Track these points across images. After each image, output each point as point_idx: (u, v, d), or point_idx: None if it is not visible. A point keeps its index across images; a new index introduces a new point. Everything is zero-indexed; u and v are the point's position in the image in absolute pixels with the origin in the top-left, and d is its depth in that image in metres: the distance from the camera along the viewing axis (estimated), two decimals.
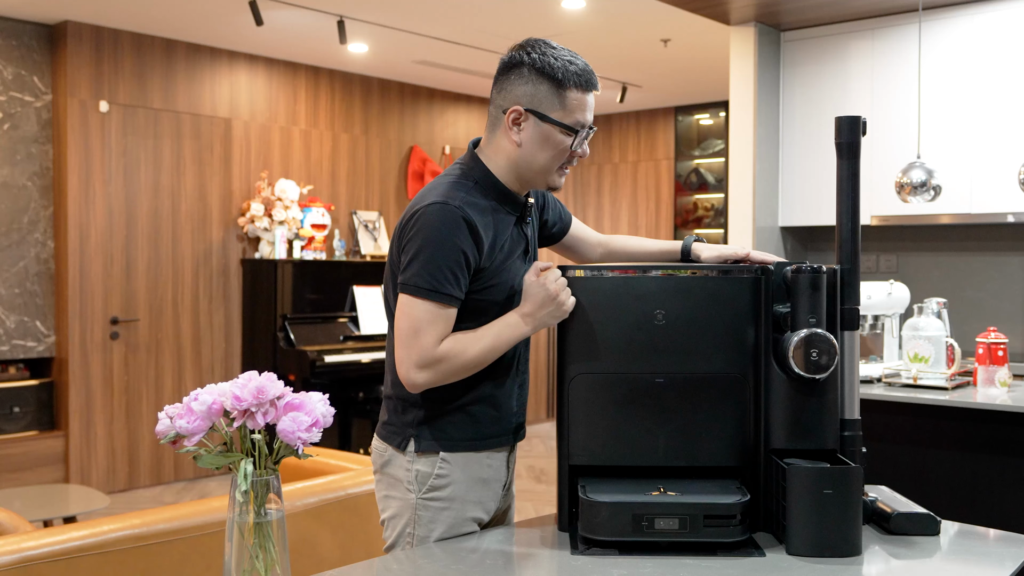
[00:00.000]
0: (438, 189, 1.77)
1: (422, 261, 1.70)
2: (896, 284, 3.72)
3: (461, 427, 1.83)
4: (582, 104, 1.78)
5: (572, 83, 1.76)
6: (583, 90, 1.77)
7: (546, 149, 1.79)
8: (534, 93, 1.76)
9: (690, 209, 8.71)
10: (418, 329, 1.70)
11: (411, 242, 1.72)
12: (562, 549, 1.72)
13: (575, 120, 1.78)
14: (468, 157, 1.86)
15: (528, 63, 1.76)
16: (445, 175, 1.83)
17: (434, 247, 1.69)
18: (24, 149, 5.87)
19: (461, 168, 1.84)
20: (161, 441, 1.39)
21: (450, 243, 1.70)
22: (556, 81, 1.75)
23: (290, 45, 6.54)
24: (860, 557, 1.68)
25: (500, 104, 1.81)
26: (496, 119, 1.83)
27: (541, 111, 1.76)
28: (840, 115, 1.88)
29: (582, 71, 1.77)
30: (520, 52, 1.79)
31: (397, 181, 7.79)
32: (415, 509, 1.82)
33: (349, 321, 6.88)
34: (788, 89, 5.20)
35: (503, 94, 1.80)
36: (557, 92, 1.76)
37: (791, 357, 1.75)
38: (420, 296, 1.70)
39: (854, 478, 1.66)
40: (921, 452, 3.44)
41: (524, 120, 1.78)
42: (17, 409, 5.84)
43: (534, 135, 1.78)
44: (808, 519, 1.66)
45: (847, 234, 1.87)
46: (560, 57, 1.76)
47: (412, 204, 1.77)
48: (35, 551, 2.13)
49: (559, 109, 1.76)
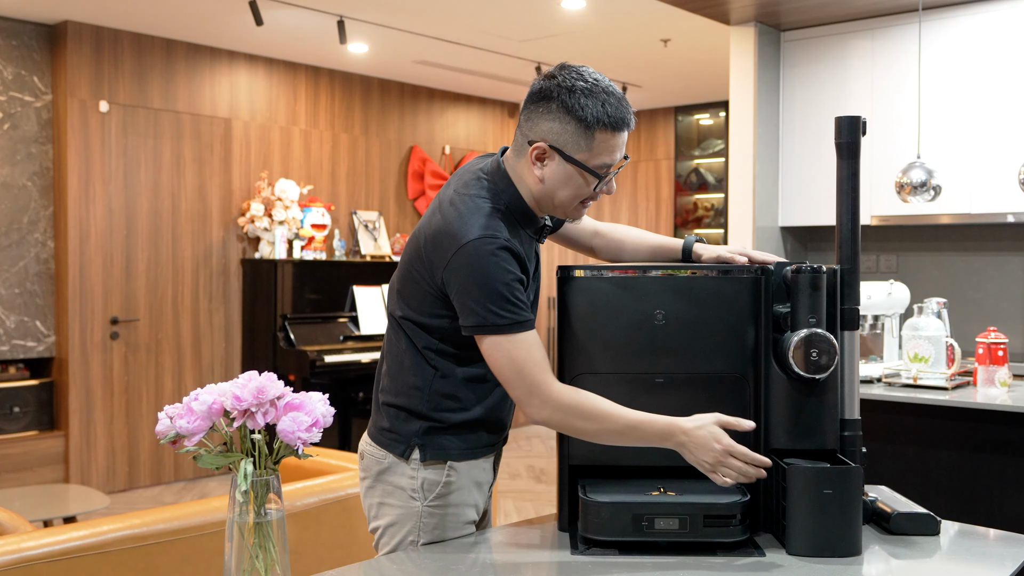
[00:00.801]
0: (476, 219, 1.69)
1: (488, 298, 1.65)
2: (896, 284, 3.72)
3: (466, 438, 1.83)
4: (610, 146, 1.71)
5: (602, 125, 1.68)
6: (614, 131, 1.70)
7: (568, 188, 1.73)
8: (561, 131, 1.69)
9: (690, 209, 8.71)
10: (520, 367, 1.67)
11: (465, 280, 1.67)
12: (562, 549, 1.73)
13: (601, 163, 1.71)
14: (497, 174, 1.78)
15: (558, 100, 1.69)
16: (475, 197, 1.74)
17: (494, 282, 1.65)
18: (24, 149, 5.87)
19: (490, 188, 1.76)
20: (161, 441, 1.39)
21: (507, 275, 1.66)
22: (585, 123, 1.68)
23: (290, 45, 6.54)
24: (860, 557, 1.68)
25: (526, 133, 1.74)
26: (522, 146, 1.76)
27: (566, 151, 1.70)
28: (840, 115, 1.88)
29: (614, 112, 1.69)
30: (552, 85, 1.71)
31: (397, 181, 7.79)
32: (420, 517, 1.81)
33: (349, 321, 6.88)
34: (788, 89, 5.20)
35: (530, 124, 1.74)
36: (585, 134, 1.69)
37: (791, 357, 1.75)
38: (505, 332, 1.66)
39: (854, 478, 1.66)
40: (921, 452, 3.44)
41: (548, 157, 1.72)
42: (17, 409, 5.84)
43: (557, 173, 1.72)
44: (808, 519, 1.66)
45: (847, 234, 1.87)
46: (594, 95, 1.68)
47: (448, 231, 1.70)
48: (35, 551, 2.13)
49: (585, 151, 1.70)
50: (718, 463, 1.66)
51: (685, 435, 1.67)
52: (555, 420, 1.69)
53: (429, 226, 1.76)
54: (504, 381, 1.70)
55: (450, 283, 1.69)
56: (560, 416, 1.68)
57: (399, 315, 1.83)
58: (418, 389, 1.80)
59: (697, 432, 1.66)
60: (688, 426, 1.67)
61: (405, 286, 1.81)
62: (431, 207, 1.83)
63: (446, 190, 1.82)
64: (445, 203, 1.76)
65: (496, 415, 1.86)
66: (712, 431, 1.67)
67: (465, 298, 1.67)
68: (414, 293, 1.79)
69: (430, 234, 1.74)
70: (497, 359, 1.68)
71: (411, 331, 1.81)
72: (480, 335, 1.68)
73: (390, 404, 1.85)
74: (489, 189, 1.76)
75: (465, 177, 1.81)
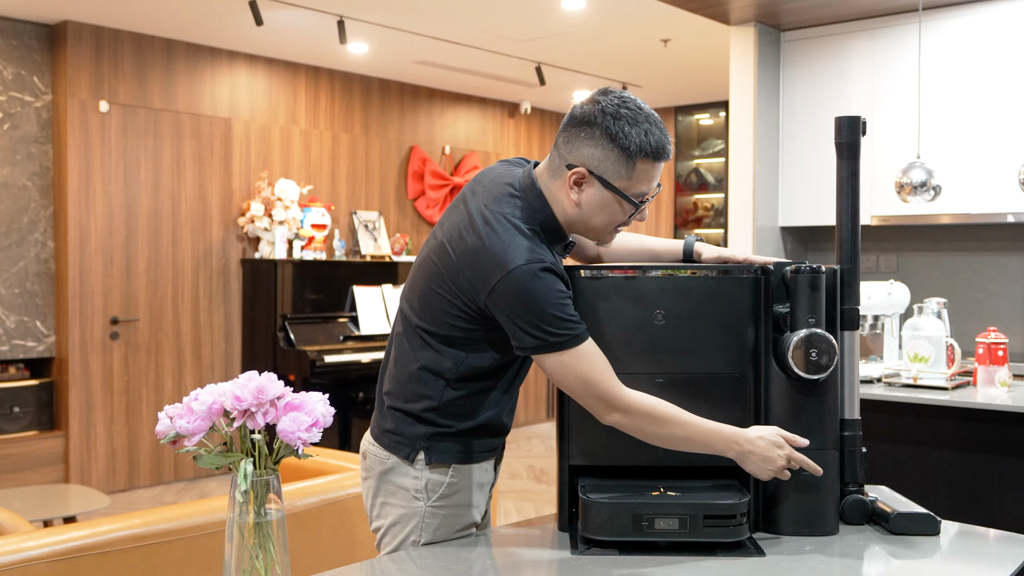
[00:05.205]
0: (518, 243, 1.68)
1: (544, 321, 1.65)
2: (896, 284, 3.72)
3: (472, 443, 1.83)
4: (650, 176, 1.71)
5: (644, 155, 1.69)
6: (655, 160, 1.70)
7: (604, 214, 1.74)
8: (603, 158, 1.69)
9: (690, 209, 8.71)
10: (586, 379, 1.68)
11: (515, 306, 1.66)
12: (562, 549, 1.73)
13: (639, 191, 1.72)
14: (532, 192, 1.76)
15: (601, 127, 1.68)
16: (511, 217, 1.72)
17: (546, 305, 1.65)
18: (24, 149, 5.87)
19: (524, 208, 1.74)
20: (161, 441, 1.39)
21: (557, 295, 1.67)
22: (627, 152, 1.68)
23: (290, 45, 6.54)
24: (861, 557, 1.68)
25: (564, 157, 1.73)
26: (558, 168, 1.74)
27: (606, 178, 1.70)
28: (840, 115, 1.88)
29: (657, 143, 1.69)
30: (595, 110, 1.70)
31: (397, 181, 7.79)
32: (423, 516, 1.81)
33: (349, 321, 6.88)
34: (788, 89, 5.20)
35: (569, 147, 1.72)
36: (626, 162, 1.69)
37: (791, 357, 1.75)
38: (565, 348, 1.67)
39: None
40: (921, 452, 3.44)
41: (587, 183, 1.71)
42: (17, 409, 5.84)
43: (595, 199, 1.72)
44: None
45: (847, 234, 1.88)
46: (637, 124, 1.68)
47: (489, 255, 1.68)
48: (35, 551, 2.13)
49: (625, 179, 1.70)
50: (780, 470, 1.73)
51: (749, 444, 1.72)
52: (626, 424, 1.72)
53: (462, 243, 1.72)
54: (573, 394, 1.72)
55: (497, 308, 1.69)
56: (631, 421, 1.71)
57: (414, 322, 1.81)
58: (427, 398, 1.80)
59: (759, 442, 1.73)
60: (751, 435, 1.73)
61: (426, 295, 1.79)
62: (456, 216, 1.78)
63: (473, 200, 1.78)
64: (478, 219, 1.73)
65: (499, 419, 1.86)
66: (775, 440, 1.74)
67: (518, 322, 1.67)
68: (433, 302, 1.77)
69: (465, 253, 1.72)
70: (563, 375, 1.69)
71: (427, 340, 1.79)
72: (540, 355, 1.69)
73: (396, 408, 1.84)
74: (523, 209, 1.74)
75: (494, 191, 1.77)
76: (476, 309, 1.72)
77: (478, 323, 1.74)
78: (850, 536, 1.80)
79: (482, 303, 1.70)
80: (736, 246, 5.11)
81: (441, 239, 1.78)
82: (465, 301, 1.73)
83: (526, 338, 1.68)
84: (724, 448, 1.73)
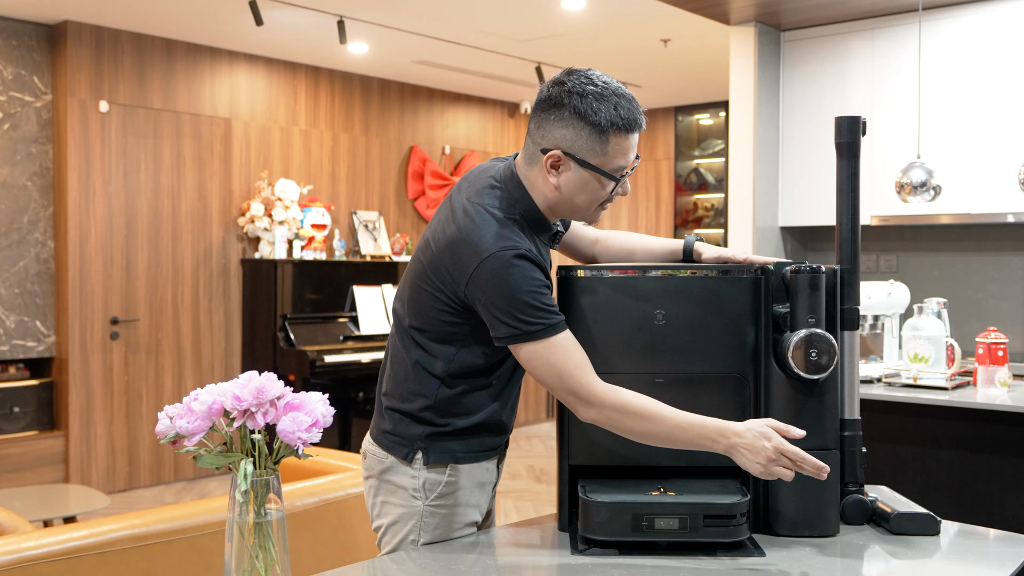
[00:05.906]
0: (491, 230, 1.68)
1: (517, 309, 1.64)
2: (896, 284, 3.72)
3: (469, 442, 1.83)
4: (624, 148, 1.70)
5: (616, 128, 1.67)
6: (627, 133, 1.69)
7: (585, 193, 1.72)
8: (575, 138, 1.68)
9: (690, 209, 8.71)
10: (559, 371, 1.66)
11: (490, 294, 1.65)
12: (562, 549, 1.73)
13: (616, 166, 1.70)
14: (511, 182, 1.76)
15: (569, 107, 1.67)
16: (489, 207, 1.72)
17: (520, 292, 1.64)
18: (24, 149, 5.87)
19: (503, 198, 1.74)
20: (161, 441, 1.39)
21: (531, 283, 1.65)
22: (599, 128, 1.67)
23: (290, 45, 6.54)
24: (861, 557, 1.68)
25: (538, 142, 1.72)
26: (534, 155, 1.74)
27: (581, 157, 1.69)
28: (840, 115, 1.88)
29: (627, 114, 1.68)
30: (561, 91, 1.69)
31: (397, 181, 7.79)
32: (421, 516, 1.81)
33: (349, 321, 6.88)
34: (788, 89, 5.20)
35: (541, 132, 1.72)
36: (599, 138, 1.67)
37: (791, 357, 1.75)
38: (539, 339, 1.65)
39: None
40: (921, 452, 3.44)
41: (563, 165, 1.70)
42: (17, 409, 5.84)
43: (573, 180, 1.71)
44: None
45: (847, 234, 1.88)
46: (605, 99, 1.67)
47: (465, 244, 1.68)
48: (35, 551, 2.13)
49: (600, 155, 1.69)
50: (771, 462, 1.61)
51: (737, 436, 1.63)
52: (603, 420, 1.68)
53: (443, 235, 1.73)
54: (547, 386, 1.70)
55: (475, 297, 1.68)
56: (606, 416, 1.67)
57: (407, 323, 1.82)
58: (423, 396, 1.80)
59: (747, 434, 1.63)
60: (739, 428, 1.64)
61: (414, 293, 1.80)
62: (442, 212, 1.80)
63: (458, 195, 1.79)
64: (459, 212, 1.74)
65: (498, 419, 1.86)
66: (762, 431, 1.62)
67: (494, 311, 1.66)
68: (423, 300, 1.77)
69: (445, 244, 1.72)
70: (536, 366, 1.67)
71: (418, 339, 1.80)
72: (515, 345, 1.67)
73: (393, 408, 1.84)
74: (503, 199, 1.74)
75: (477, 185, 1.78)
76: (459, 301, 1.72)
77: (463, 316, 1.74)
78: (850, 536, 1.80)
79: (462, 294, 1.70)
80: (736, 246, 5.11)
81: (427, 236, 1.80)
82: (448, 294, 1.73)
83: (501, 327, 1.67)
84: (710, 443, 1.65)
